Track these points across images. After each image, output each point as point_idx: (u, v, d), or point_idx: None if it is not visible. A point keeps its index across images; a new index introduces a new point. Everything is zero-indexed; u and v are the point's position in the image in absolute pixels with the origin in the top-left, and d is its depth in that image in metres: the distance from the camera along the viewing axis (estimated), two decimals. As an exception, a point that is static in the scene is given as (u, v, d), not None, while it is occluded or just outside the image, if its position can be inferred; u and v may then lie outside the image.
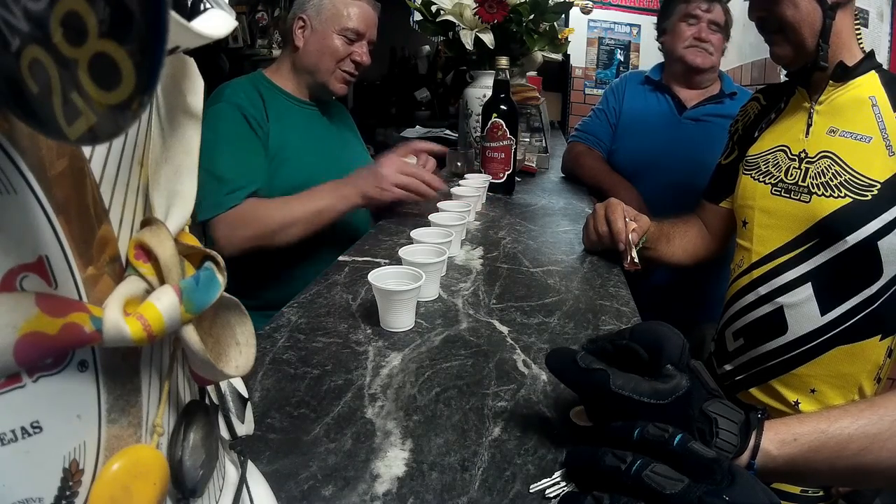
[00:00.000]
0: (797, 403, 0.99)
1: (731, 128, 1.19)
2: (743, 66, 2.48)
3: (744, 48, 2.43)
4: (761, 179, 1.03)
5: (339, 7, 1.32)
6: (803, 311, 0.95)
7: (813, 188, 0.94)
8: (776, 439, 0.48)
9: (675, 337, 0.50)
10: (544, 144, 2.05)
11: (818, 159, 0.94)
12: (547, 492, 0.45)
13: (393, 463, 0.48)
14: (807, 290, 0.94)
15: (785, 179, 0.98)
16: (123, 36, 0.16)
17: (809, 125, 0.98)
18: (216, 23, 0.25)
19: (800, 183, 0.96)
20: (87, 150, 0.21)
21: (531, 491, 0.45)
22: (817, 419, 0.50)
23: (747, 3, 0.99)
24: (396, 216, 1.24)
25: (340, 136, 1.49)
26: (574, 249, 1.08)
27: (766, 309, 0.99)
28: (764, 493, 0.38)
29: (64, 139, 0.16)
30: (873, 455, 0.48)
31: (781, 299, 0.97)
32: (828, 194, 0.92)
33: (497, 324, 0.75)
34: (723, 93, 1.63)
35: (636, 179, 1.61)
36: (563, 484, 0.45)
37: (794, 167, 0.98)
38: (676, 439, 0.41)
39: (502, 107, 1.41)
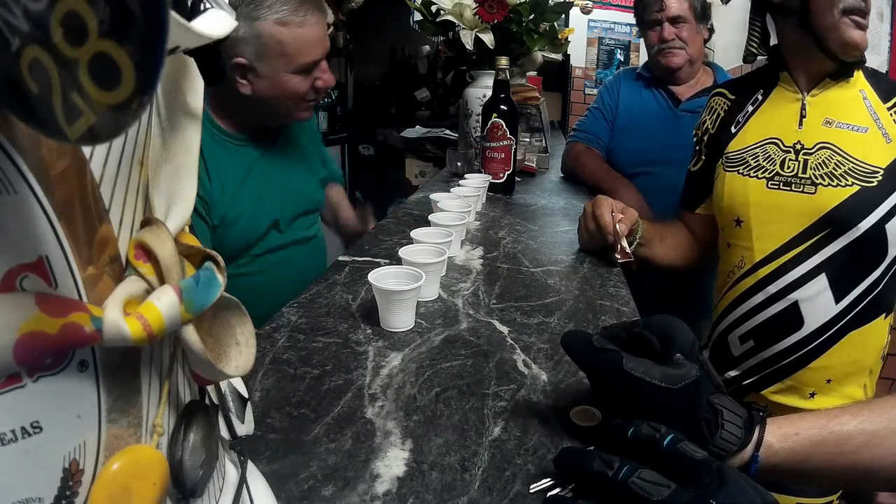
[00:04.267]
0: (813, 395, 0.99)
1: (695, 132, 1.16)
2: (743, 66, 2.48)
3: (744, 48, 2.42)
4: (752, 174, 1.00)
5: (281, 42, 1.04)
6: (819, 302, 0.95)
7: (817, 179, 0.93)
8: (778, 433, 0.49)
9: (686, 330, 0.51)
10: (544, 144, 2.05)
11: (817, 150, 0.94)
12: (547, 492, 0.45)
13: (393, 463, 0.48)
14: (821, 282, 0.94)
15: (781, 172, 0.97)
16: (123, 36, 0.16)
17: (803, 116, 0.97)
18: (216, 23, 0.25)
19: (800, 175, 0.95)
20: (87, 150, 0.21)
21: (531, 491, 0.45)
22: (817, 415, 0.51)
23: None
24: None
25: (291, 164, 1.29)
26: (574, 249, 1.08)
27: (780, 306, 0.98)
28: (756, 491, 0.38)
29: (64, 139, 0.16)
30: (872, 451, 0.49)
31: (795, 294, 0.96)
32: (834, 184, 0.92)
33: (497, 324, 0.75)
34: (717, 84, 1.65)
35: (639, 175, 1.61)
36: (562, 484, 0.46)
37: (791, 159, 0.97)
38: (667, 440, 0.42)
39: (502, 107, 1.41)
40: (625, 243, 0.98)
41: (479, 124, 1.69)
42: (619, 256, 0.98)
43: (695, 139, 1.17)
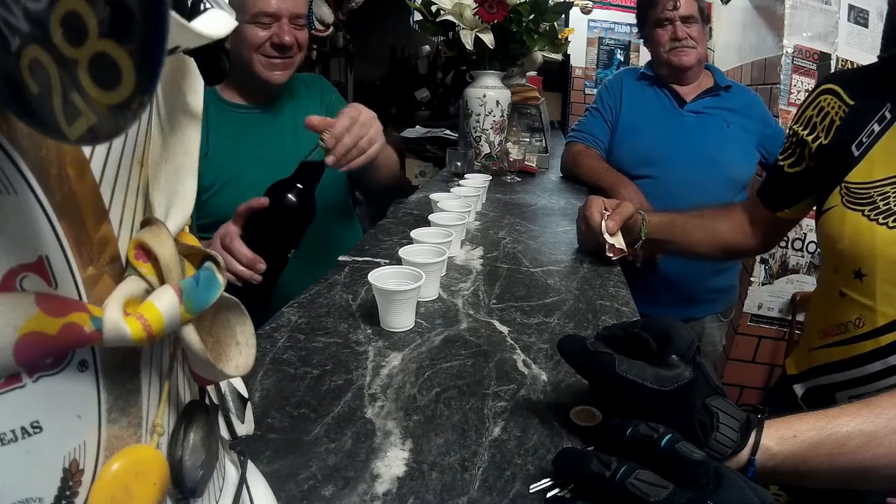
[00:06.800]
0: None
1: (793, 127, 0.97)
2: (743, 66, 2.48)
3: (744, 48, 2.42)
4: (881, 221, 0.81)
5: None
6: None
7: None
8: (776, 436, 0.49)
9: (685, 332, 0.51)
10: (544, 144, 2.05)
11: None
12: (547, 492, 0.45)
13: (393, 463, 0.48)
14: None
15: None
16: (124, 36, 0.16)
17: None
18: (216, 23, 0.25)
19: None
20: (87, 150, 0.21)
21: (531, 491, 0.45)
22: (815, 417, 0.51)
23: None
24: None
25: (289, 133, 1.29)
26: (574, 249, 1.08)
27: (894, 381, 0.82)
28: (754, 491, 0.38)
29: (64, 139, 0.16)
30: (871, 452, 0.48)
31: None
32: None
33: (497, 324, 0.75)
34: (718, 86, 1.64)
35: (645, 175, 1.60)
36: (562, 484, 0.46)
37: None
38: (665, 440, 0.42)
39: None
40: (613, 240, 0.98)
41: (479, 124, 1.70)
42: (611, 254, 0.98)
43: (791, 133, 0.98)
